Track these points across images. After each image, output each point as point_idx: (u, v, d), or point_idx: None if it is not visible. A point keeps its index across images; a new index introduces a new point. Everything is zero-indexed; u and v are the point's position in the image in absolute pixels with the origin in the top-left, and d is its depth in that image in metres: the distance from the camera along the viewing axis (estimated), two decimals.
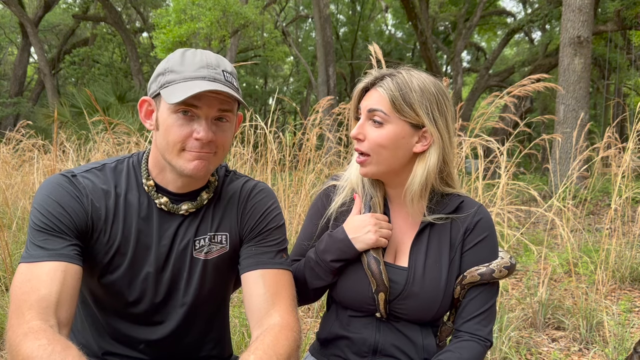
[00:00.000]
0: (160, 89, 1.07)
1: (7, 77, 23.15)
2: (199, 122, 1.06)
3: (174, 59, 1.09)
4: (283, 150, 4.03)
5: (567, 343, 2.70)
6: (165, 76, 1.07)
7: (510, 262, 1.20)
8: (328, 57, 12.63)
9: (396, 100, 1.13)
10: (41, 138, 5.76)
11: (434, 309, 1.17)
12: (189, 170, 1.07)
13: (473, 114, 4.64)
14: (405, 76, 1.16)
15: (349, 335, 1.22)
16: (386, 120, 1.14)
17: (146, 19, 20.74)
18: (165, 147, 1.08)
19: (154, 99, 1.11)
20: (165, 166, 1.14)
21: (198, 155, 1.07)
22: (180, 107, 1.04)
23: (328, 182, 1.35)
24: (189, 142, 1.06)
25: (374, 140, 1.15)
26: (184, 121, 1.05)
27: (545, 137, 3.56)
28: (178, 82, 1.05)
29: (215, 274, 1.19)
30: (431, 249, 1.20)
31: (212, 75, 1.06)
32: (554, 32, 14.84)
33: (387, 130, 1.14)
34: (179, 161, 1.07)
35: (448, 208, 1.21)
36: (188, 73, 1.05)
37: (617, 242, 3.65)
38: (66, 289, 0.99)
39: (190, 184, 1.16)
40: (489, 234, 1.21)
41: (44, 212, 1.04)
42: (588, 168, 4.63)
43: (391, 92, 1.14)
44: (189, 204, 1.16)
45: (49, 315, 0.94)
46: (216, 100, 1.06)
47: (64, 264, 1.00)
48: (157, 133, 1.11)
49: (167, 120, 1.06)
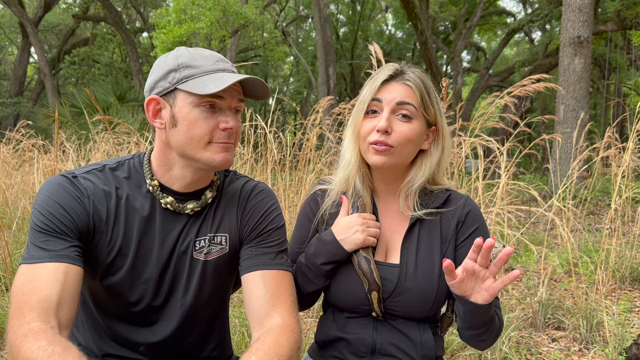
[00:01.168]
0: (179, 84, 1.06)
1: (7, 77, 23.15)
2: (223, 113, 1.08)
3: (185, 56, 1.08)
4: (283, 150, 4.03)
5: (567, 343, 2.70)
6: (179, 72, 1.06)
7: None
8: (328, 57, 12.62)
9: (424, 97, 1.15)
10: (41, 138, 5.76)
11: (429, 303, 1.17)
12: (218, 161, 1.08)
13: (473, 114, 4.65)
14: (420, 72, 1.17)
15: (347, 337, 1.22)
16: (414, 115, 1.14)
17: (146, 19, 20.74)
18: (189, 142, 1.07)
19: (163, 97, 1.10)
20: (173, 164, 1.13)
21: (225, 147, 1.09)
22: (206, 100, 1.05)
23: (315, 186, 1.34)
24: (216, 134, 1.07)
25: (402, 134, 1.13)
26: (209, 114, 1.06)
27: (546, 137, 3.56)
28: (200, 75, 1.06)
29: (215, 275, 1.19)
30: (422, 244, 1.20)
31: (229, 67, 1.10)
32: (554, 32, 14.84)
33: (415, 126, 1.15)
34: (206, 154, 1.08)
35: (436, 202, 1.22)
36: (207, 67, 1.07)
37: (617, 242, 3.65)
38: (67, 290, 0.98)
39: (198, 182, 1.16)
40: (480, 224, 1.22)
41: (45, 213, 1.04)
42: (588, 168, 4.64)
43: (420, 87, 1.15)
44: (194, 202, 1.16)
45: (49, 317, 0.94)
46: (235, 91, 1.10)
47: (65, 265, 1.00)
48: (172, 130, 1.09)
49: (191, 114, 1.06)
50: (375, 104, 1.15)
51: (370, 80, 1.18)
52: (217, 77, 1.05)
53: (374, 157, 1.15)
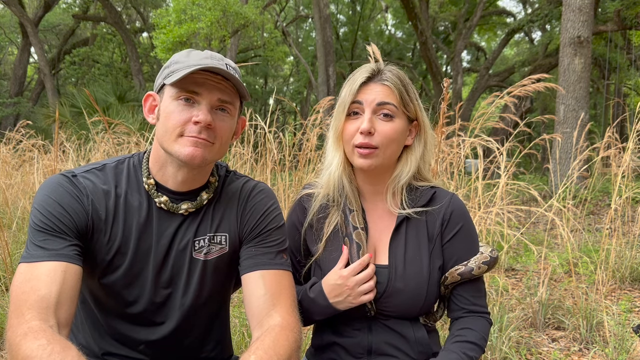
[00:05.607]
0: (165, 79, 1.10)
1: (7, 77, 23.15)
2: (199, 107, 1.08)
3: (180, 54, 1.13)
4: (283, 150, 4.03)
5: (567, 343, 2.70)
6: (169, 68, 1.11)
7: (490, 257, 1.20)
8: (328, 57, 12.62)
9: (403, 95, 1.15)
10: (41, 138, 5.76)
11: (420, 301, 1.18)
12: (184, 155, 1.07)
13: (473, 114, 4.64)
14: (397, 71, 1.18)
15: (343, 341, 1.23)
16: (395, 113, 1.15)
17: (146, 19, 20.74)
18: (164, 134, 1.09)
19: (158, 93, 1.14)
20: (165, 160, 1.14)
21: (195, 142, 1.07)
22: (182, 94, 1.07)
23: (301, 191, 1.34)
24: (187, 127, 1.07)
25: (385, 133, 1.14)
26: (184, 107, 1.08)
27: (546, 137, 3.57)
28: (182, 69, 1.07)
29: (215, 274, 1.19)
30: (410, 244, 1.20)
31: (214, 63, 1.08)
32: (554, 32, 14.84)
33: (397, 124, 1.16)
34: (175, 146, 1.08)
35: (422, 200, 1.22)
36: (192, 62, 1.09)
37: (617, 242, 3.65)
38: (66, 289, 0.98)
39: (190, 181, 1.15)
40: (464, 223, 1.22)
41: (44, 212, 1.04)
42: (588, 168, 4.64)
43: (399, 85, 1.15)
44: (188, 203, 1.16)
45: (48, 316, 0.94)
46: (216, 89, 1.09)
47: (64, 264, 1.00)
48: (158, 124, 1.13)
49: (169, 107, 1.09)
50: (357, 106, 1.17)
51: (349, 82, 1.19)
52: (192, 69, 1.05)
53: (359, 160, 1.16)
